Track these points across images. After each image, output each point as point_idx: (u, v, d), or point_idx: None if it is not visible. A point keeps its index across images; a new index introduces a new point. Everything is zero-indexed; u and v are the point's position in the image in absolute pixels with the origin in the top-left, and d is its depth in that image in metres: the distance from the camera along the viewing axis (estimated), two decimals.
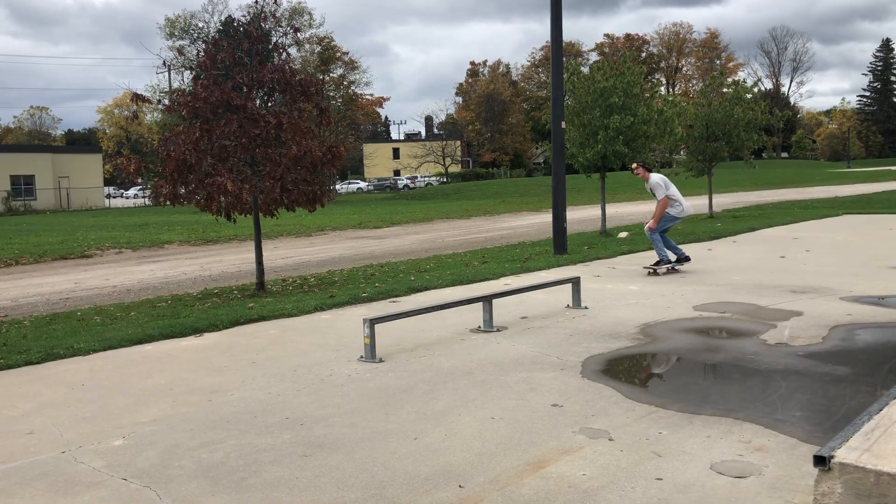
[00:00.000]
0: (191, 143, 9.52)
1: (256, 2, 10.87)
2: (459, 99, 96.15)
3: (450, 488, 3.71)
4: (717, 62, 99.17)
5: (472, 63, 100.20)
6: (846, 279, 9.59)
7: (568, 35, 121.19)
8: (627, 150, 16.13)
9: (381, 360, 6.21)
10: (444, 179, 76.00)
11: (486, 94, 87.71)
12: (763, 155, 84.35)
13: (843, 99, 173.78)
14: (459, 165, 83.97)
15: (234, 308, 8.99)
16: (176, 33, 55.42)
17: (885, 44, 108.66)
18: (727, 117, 19.82)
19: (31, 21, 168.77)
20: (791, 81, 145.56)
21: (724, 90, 21.19)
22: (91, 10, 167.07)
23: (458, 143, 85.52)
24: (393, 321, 6.83)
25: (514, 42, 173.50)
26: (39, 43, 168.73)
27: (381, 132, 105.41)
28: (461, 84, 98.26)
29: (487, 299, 7.41)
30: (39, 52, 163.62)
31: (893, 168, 64.53)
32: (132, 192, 75.78)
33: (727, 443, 4.16)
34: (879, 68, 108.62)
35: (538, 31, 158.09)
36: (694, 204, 28.87)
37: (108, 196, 63.14)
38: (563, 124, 13.96)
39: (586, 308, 8.22)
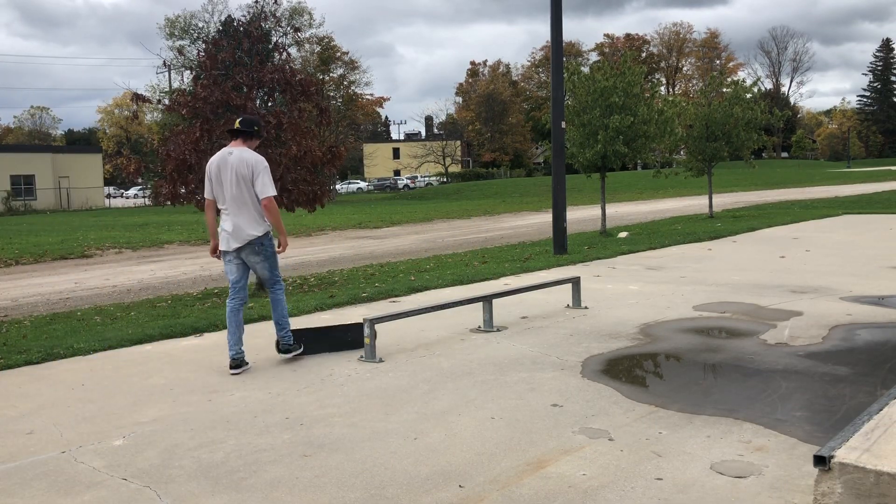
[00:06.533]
0: (191, 143, 9.53)
1: (256, 2, 10.89)
2: (459, 99, 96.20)
3: (450, 488, 3.71)
4: (717, 62, 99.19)
5: (473, 63, 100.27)
6: (846, 279, 9.59)
7: (572, 35, 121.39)
8: (627, 150, 16.13)
9: (381, 360, 6.21)
10: (444, 179, 75.99)
11: (486, 93, 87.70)
12: (763, 155, 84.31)
13: (843, 99, 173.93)
14: (459, 165, 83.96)
15: None
16: (176, 33, 55.44)
17: (886, 44, 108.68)
18: (727, 117, 19.81)
19: (41, 22, 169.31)
20: (791, 81, 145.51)
21: (724, 90, 21.18)
22: (101, 10, 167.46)
23: (458, 143, 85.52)
24: (393, 321, 6.83)
25: (518, 43, 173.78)
26: (48, 44, 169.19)
27: (381, 132, 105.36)
28: (461, 84, 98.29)
29: (487, 299, 7.41)
30: (49, 53, 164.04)
31: (893, 168, 64.52)
32: (132, 192, 75.78)
33: (727, 443, 4.16)
34: (879, 68, 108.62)
35: (542, 32, 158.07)
36: (694, 204, 29.01)
37: (109, 196, 63.16)
38: (563, 124, 13.96)
39: (586, 308, 8.22)
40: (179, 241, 21.34)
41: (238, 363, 6.05)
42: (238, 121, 6.27)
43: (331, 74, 61.74)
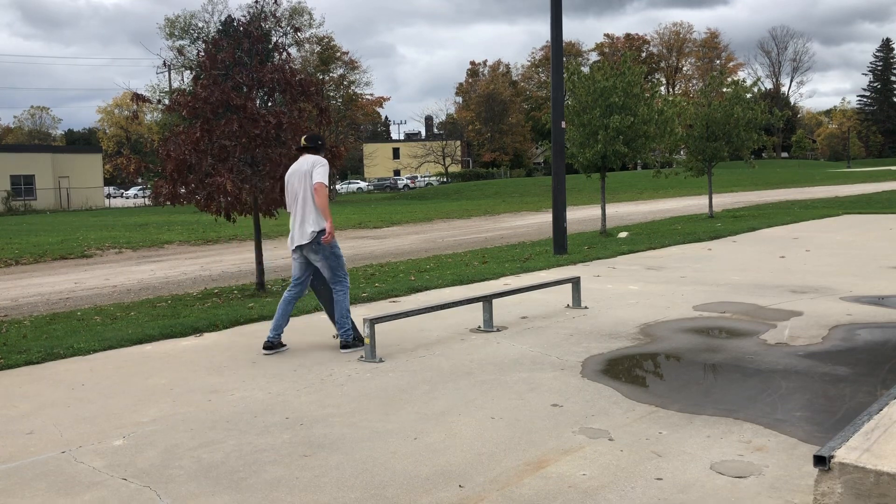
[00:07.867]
0: (191, 143, 9.52)
1: (256, 2, 10.88)
2: (459, 99, 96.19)
3: (450, 488, 3.71)
4: (717, 62, 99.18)
5: (473, 63, 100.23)
6: (846, 279, 9.58)
7: (572, 35, 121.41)
8: (627, 150, 16.13)
9: (381, 360, 6.21)
10: (445, 179, 75.98)
11: (486, 93, 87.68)
12: (763, 155, 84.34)
13: (843, 99, 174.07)
14: (459, 165, 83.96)
15: (234, 308, 8.99)
16: (176, 33, 55.47)
17: (885, 44, 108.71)
18: (727, 117, 19.82)
19: (44, 23, 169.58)
20: (791, 81, 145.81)
21: (724, 90, 21.19)
22: (103, 11, 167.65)
23: (458, 142, 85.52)
24: (393, 321, 6.83)
25: (519, 43, 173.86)
26: (50, 44, 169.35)
27: (381, 132, 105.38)
28: (461, 84, 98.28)
29: (487, 299, 7.41)
30: (50, 53, 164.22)
31: (893, 168, 64.53)
32: (132, 192, 75.80)
33: (727, 443, 4.16)
34: (879, 68, 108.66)
35: (542, 32, 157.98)
36: (694, 204, 29.02)
37: (108, 196, 63.18)
38: (564, 124, 13.96)
39: (586, 308, 8.22)
40: (179, 241, 21.33)
41: (270, 345, 6.57)
42: (304, 138, 6.87)
43: (331, 74, 61.70)
